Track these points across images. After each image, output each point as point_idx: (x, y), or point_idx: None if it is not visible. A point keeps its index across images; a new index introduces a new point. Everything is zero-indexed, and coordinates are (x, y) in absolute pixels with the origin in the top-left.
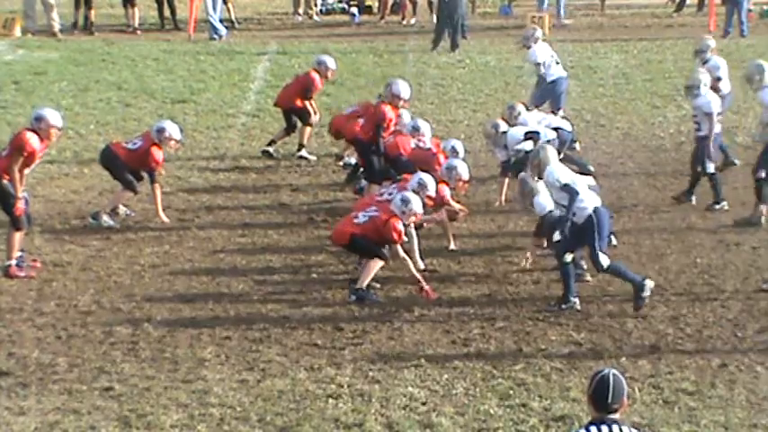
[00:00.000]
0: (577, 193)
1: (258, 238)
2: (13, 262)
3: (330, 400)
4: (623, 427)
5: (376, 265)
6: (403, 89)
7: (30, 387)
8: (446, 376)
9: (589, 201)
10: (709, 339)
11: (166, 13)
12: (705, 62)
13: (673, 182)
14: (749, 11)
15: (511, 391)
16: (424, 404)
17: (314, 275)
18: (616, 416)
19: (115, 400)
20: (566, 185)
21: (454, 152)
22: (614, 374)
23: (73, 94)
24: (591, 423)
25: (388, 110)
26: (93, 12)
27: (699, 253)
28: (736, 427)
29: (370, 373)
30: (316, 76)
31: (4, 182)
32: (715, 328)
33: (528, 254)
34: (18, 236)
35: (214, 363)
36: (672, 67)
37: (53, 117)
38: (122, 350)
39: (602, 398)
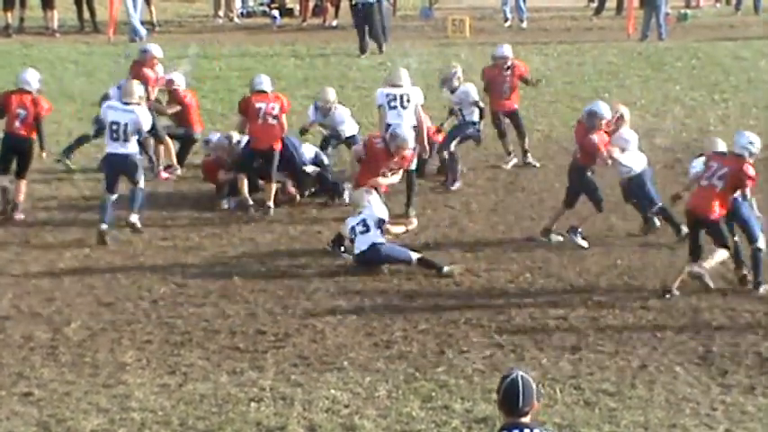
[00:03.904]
0: None
1: (179, 241)
2: None
3: (252, 404)
4: (536, 431)
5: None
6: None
7: None
8: (368, 379)
9: None
10: (629, 340)
11: (86, 14)
12: (453, 91)
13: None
14: (667, 14)
15: (433, 394)
16: (346, 407)
17: (235, 278)
18: (527, 419)
19: (34, 406)
20: None
21: None
22: (522, 376)
23: None
24: (503, 429)
25: None
26: (9, 14)
27: (619, 254)
28: (655, 427)
29: (293, 377)
30: None
31: None
32: (635, 329)
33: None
34: None
35: (135, 367)
36: (591, 69)
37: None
38: (42, 355)
39: (512, 402)
